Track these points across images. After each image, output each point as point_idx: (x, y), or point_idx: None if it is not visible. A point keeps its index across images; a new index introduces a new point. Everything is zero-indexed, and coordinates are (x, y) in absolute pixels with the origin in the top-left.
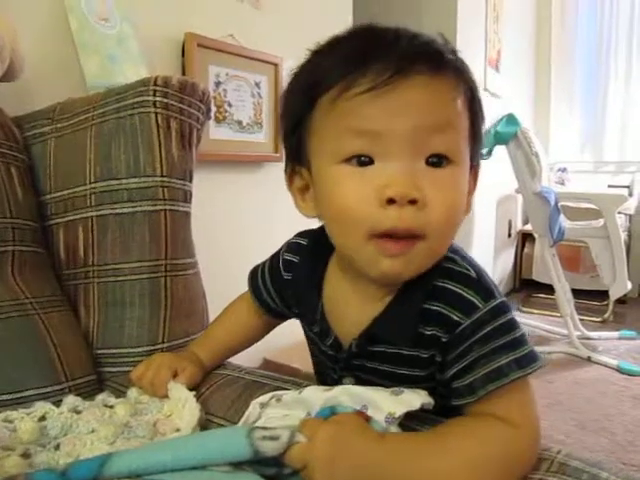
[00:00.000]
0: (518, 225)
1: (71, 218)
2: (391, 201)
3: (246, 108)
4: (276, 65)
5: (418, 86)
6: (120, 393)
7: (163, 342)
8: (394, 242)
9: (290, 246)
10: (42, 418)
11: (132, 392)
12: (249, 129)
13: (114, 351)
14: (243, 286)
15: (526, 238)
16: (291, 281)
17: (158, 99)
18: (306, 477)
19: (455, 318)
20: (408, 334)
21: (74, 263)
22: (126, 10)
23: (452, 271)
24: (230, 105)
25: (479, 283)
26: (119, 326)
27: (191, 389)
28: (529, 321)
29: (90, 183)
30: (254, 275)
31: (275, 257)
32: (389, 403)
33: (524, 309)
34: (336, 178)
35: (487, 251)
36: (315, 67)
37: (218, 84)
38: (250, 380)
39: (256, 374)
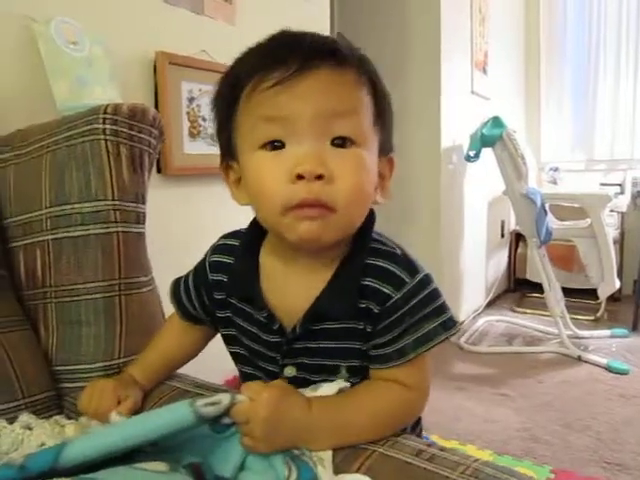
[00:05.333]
0: (511, 225)
1: (29, 241)
2: (300, 177)
3: None
4: None
5: (320, 78)
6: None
7: (119, 357)
8: (308, 207)
9: (218, 248)
10: None
11: (83, 417)
12: None
13: (72, 367)
14: None
15: (519, 238)
16: (226, 281)
17: (108, 126)
18: (245, 430)
19: (387, 292)
20: (349, 308)
21: (33, 284)
22: (96, 32)
23: (381, 250)
24: (204, 119)
25: (405, 260)
26: (76, 343)
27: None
28: (522, 321)
29: (46, 208)
30: (176, 285)
31: (200, 264)
32: (309, 393)
33: (518, 309)
34: (256, 163)
35: (479, 252)
36: (236, 68)
37: (191, 99)
38: (195, 393)
39: (203, 387)
